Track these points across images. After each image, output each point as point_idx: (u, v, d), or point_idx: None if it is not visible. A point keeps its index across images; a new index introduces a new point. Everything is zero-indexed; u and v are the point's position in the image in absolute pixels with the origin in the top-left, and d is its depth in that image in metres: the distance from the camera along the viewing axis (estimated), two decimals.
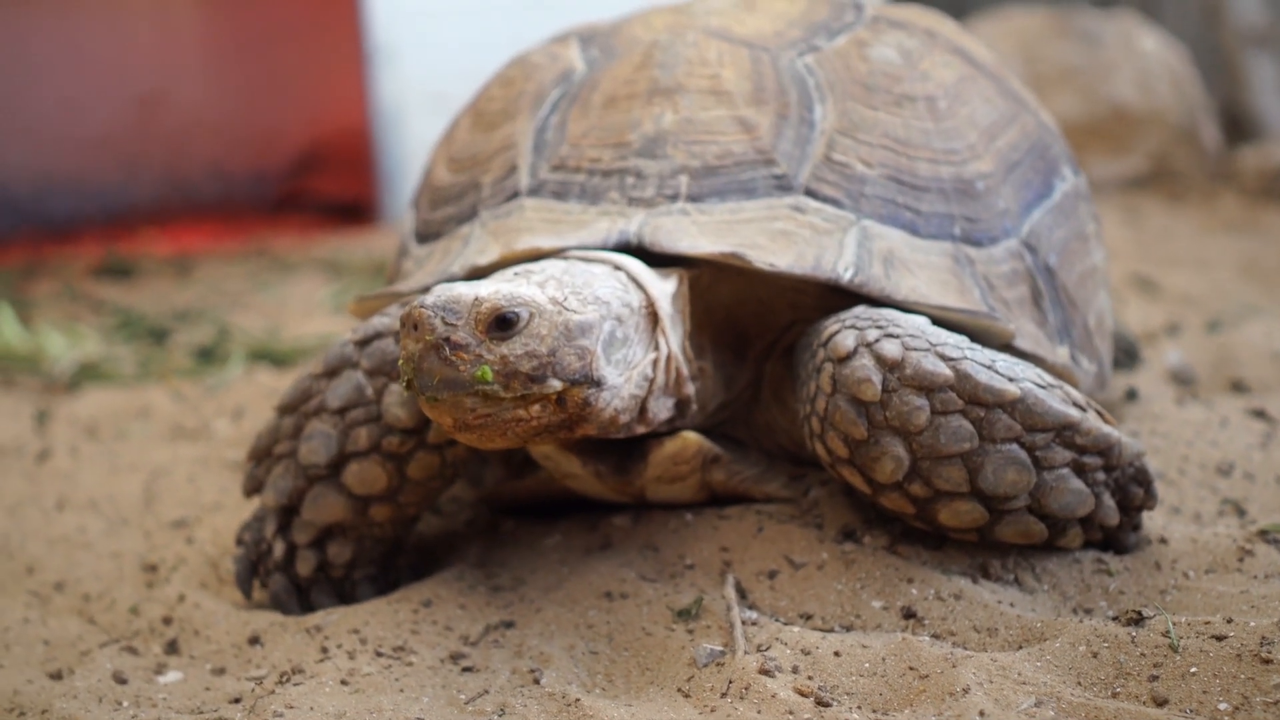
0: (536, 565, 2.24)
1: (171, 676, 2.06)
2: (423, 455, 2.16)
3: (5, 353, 3.98)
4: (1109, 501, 2.04)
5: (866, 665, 1.84)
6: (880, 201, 2.22)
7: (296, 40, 7.17)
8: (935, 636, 1.93)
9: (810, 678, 1.82)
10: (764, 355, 2.29)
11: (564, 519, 2.36)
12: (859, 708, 1.77)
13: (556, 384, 1.90)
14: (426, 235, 2.51)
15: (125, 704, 1.95)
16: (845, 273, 2.13)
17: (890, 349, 1.98)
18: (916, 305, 2.12)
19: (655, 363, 2.06)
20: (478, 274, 2.23)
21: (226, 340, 4.19)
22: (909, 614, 1.97)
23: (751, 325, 2.28)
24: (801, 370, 2.11)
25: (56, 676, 2.07)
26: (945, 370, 1.97)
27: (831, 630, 1.96)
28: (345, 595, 2.24)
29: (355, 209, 6.78)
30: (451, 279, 2.26)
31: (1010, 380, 1.98)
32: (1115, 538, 2.09)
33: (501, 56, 2.84)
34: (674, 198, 2.22)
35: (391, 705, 1.86)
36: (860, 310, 2.08)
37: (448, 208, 2.48)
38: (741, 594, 2.05)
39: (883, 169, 2.25)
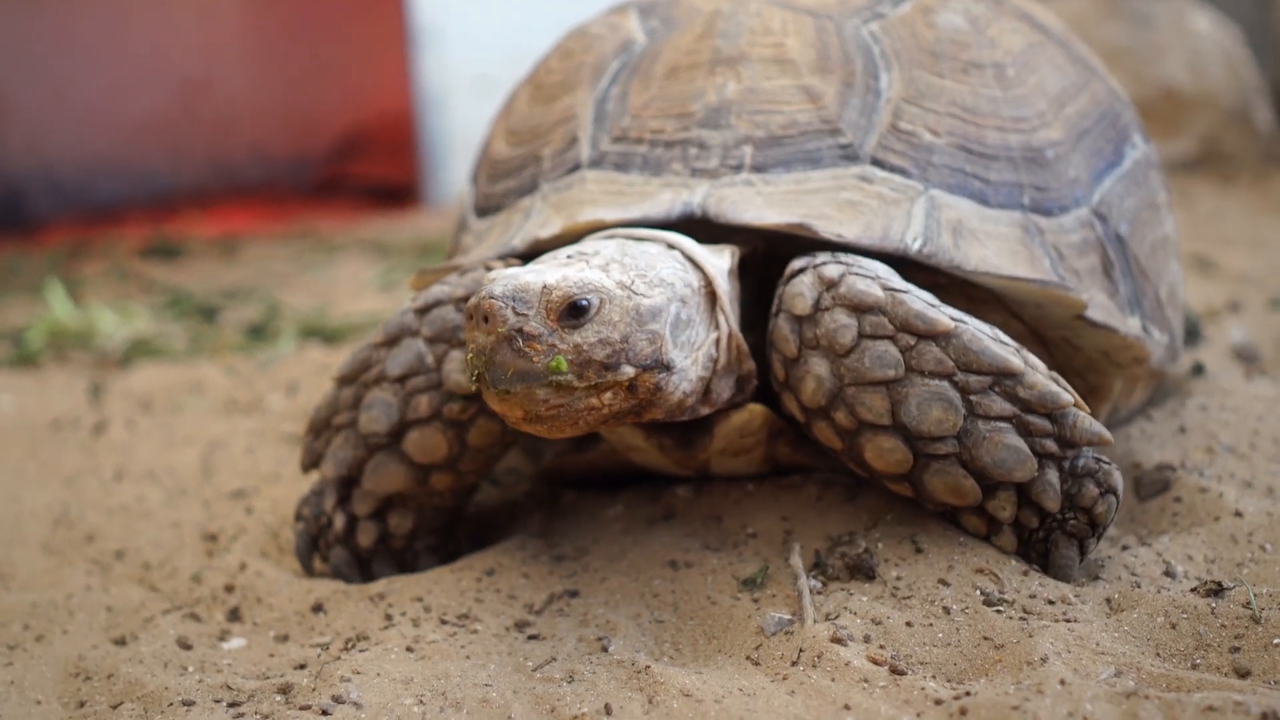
0: (599, 535, 2.23)
1: (235, 643, 2.06)
2: (483, 422, 2.15)
3: (57, 329, 4.01)
4: (1052, 477, 1.91)
5: (940, 635, 1.82)
6: (948, 171, 2.19)
7: (340, 24, 7.19)
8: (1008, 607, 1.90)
9: (882, 647, 1.80)
10: None
11: (625, 490, 2.35)
12: (934, 677, 1.74)
13: (629, 370, 1.87)
14: (486, 209, 2.49)
15: (190, 669, 1.96)
16: (914, 243, 2.09)
17: (831, 270, 1.99)
18: (987, 275, 2.09)
19: (717, 342, 2.03)
20: (539, 247, 2.21)
21: (276, 318, 4.21)
22: (979, 585, 1.94)
23: None
24: None
25: (121, 642, 2.07)
26: (878, 292, 1.95)
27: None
28: (406, 565, 2.23)
29: (398, 191, 6.79)
30: (513, 252, 2.25)
31: (949, 317, 1.94)
32: (1052, 543, 1.94)
33: (545, 39, 2.80)
34: (738, 168, 2.19)
35: (459, 672, 1.85)
36: (829, 253, 2.06)
37: (507, 181, 2.46)
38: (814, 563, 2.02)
39: (950, 138, 2.21)
